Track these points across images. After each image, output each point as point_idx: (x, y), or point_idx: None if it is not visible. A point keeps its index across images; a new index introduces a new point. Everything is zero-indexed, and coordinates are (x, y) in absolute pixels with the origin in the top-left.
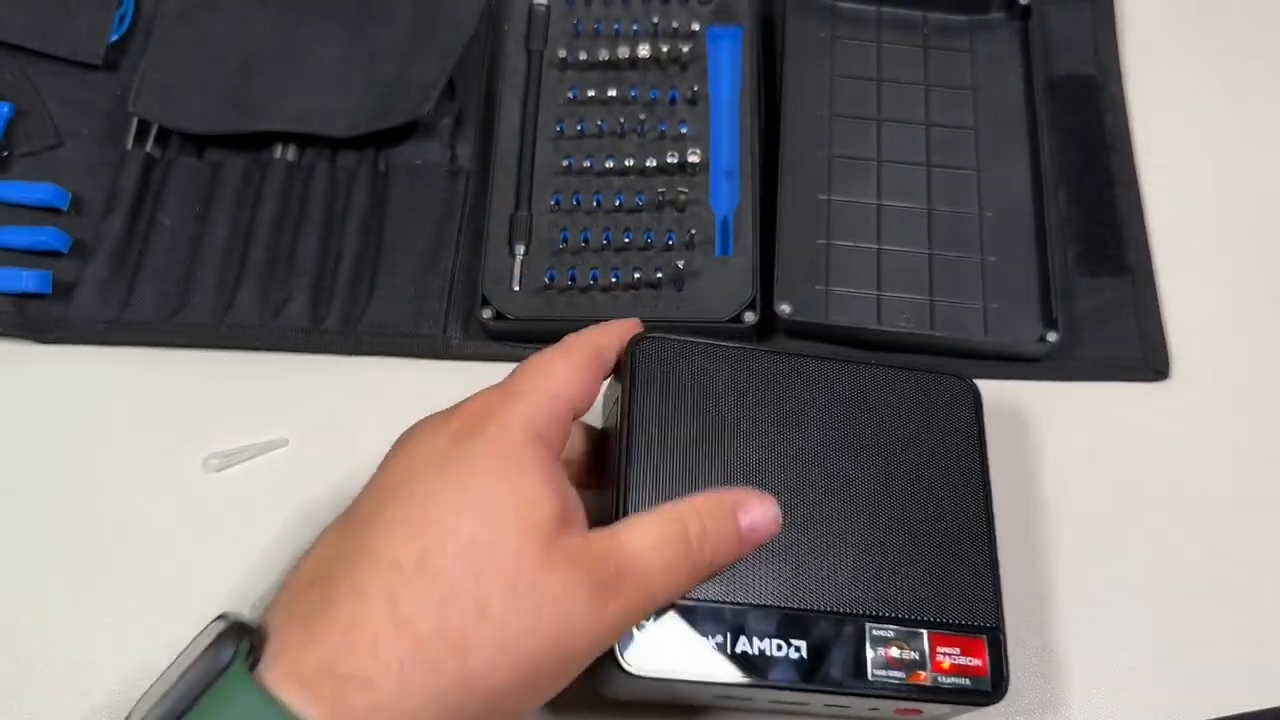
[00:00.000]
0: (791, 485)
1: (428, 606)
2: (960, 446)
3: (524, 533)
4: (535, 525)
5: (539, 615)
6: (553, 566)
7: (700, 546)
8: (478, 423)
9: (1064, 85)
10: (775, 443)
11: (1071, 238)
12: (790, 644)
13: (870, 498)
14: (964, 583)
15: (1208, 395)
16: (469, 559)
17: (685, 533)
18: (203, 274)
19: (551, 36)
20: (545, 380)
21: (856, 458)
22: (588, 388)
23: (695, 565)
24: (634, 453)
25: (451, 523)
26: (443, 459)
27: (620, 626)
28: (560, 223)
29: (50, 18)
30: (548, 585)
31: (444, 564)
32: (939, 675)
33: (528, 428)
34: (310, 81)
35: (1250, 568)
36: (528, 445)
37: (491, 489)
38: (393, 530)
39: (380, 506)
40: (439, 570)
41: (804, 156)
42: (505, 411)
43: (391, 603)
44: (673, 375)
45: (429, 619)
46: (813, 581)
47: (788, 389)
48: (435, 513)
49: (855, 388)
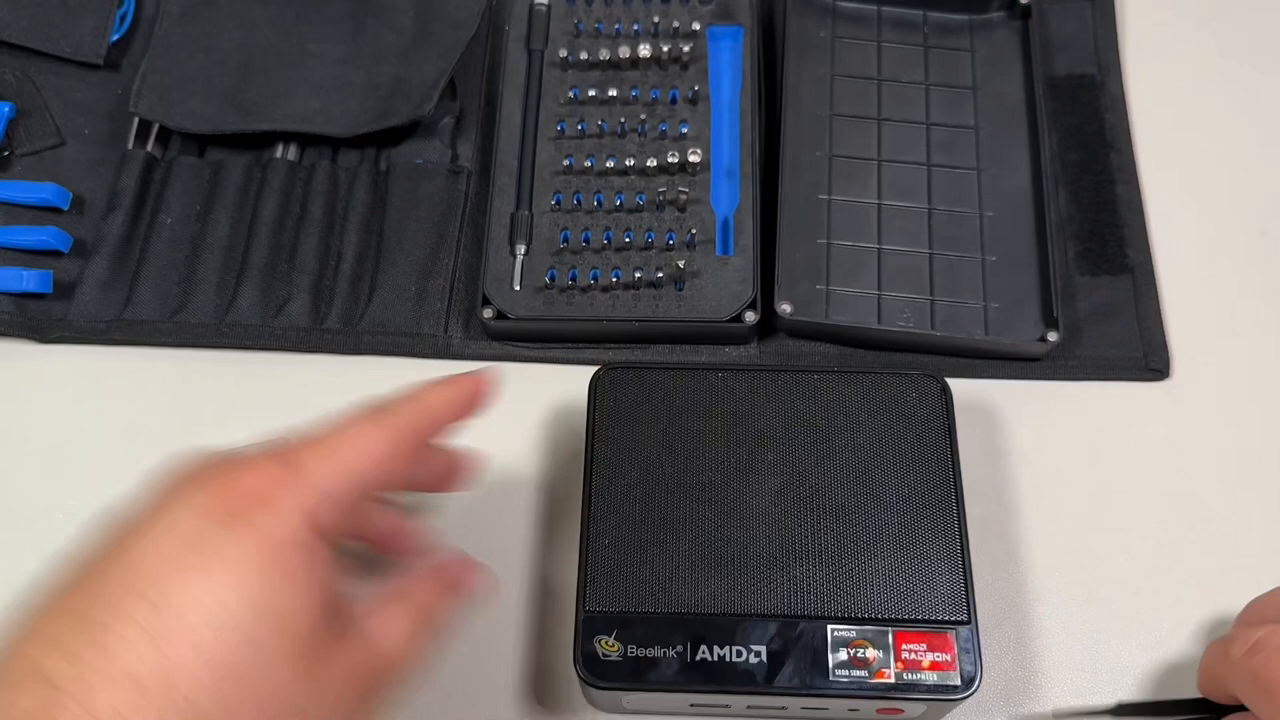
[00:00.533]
0: (758, 497)
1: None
2: (930, 443)
3: (277, 650)
4: (293, 639)
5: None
6: (307, 679)
7: (437, 625)
8: (247, 507)
9: (1064, 85)
10: (741, 459)
11: (1071, 237)
12: (750, 650)
13: (837, 502)
14: (933, 579)
15: (1208, 395)
16: (219, 687)
17: (429, 619)
18: (204, 273)
19: (552, 36)
20: (344, 457)
21: (823, 464)
22: (398, 467)
23: (434, 635)
24: (598, 483)
25: (204, 640)
26: (200, 553)
27: (376, 712)
28: (561, 222)
29: (52, 18)
30: (303, 700)
31: (191, 690)
32: (904, 672)
33: (305, 523)
34: (311, 81)
35: (1249, 568)
36: (300, 548)
37: (250, 599)
38: (135, 634)
39: (121, 599)
40: (185, 697)
41: (804, 156)
42: (281, 498)
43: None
44: (635, 403)
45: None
46: (774, 587)
47: (753, 404)
48: (181, 621)
49: (820, 396)
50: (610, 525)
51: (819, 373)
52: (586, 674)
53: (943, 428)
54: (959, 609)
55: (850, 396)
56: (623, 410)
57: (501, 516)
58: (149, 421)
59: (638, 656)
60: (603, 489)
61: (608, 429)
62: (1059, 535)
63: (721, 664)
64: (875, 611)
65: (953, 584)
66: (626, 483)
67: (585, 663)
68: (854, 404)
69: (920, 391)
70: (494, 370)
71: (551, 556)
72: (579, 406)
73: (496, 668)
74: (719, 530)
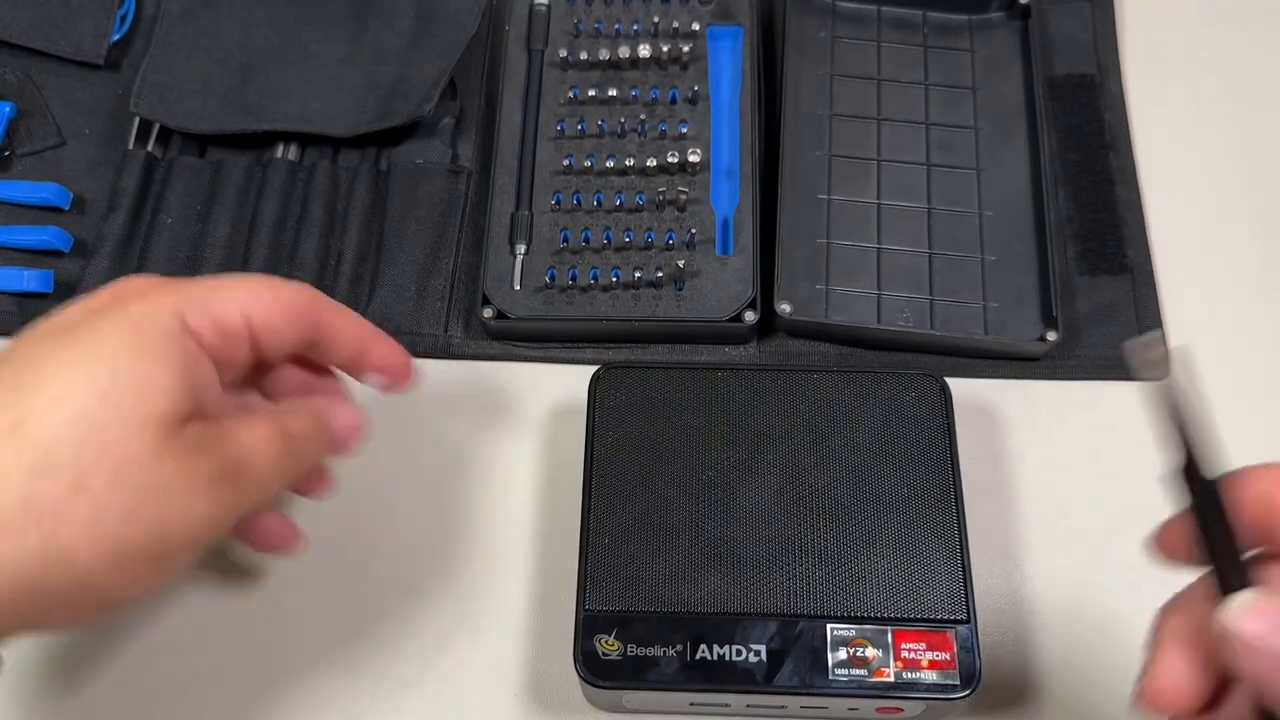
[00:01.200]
0: (757, 496)
1: (14, 473)
2: (929, 443)
3: (140, 420)
4: (154, 415)
5: (140, 500)
6: (165, 455)
7: (301, 444)
8: (124, 300)
9: (1064, 85)
10: (741, 459)
11: (1071, 237)
12: (749, 649)
13: (836, 501)
14: (933, 578)
15: (1207, 395)
16: (71, 433)
17: (292, 440)
18: (205, 273)
19: (552, 36)
20: (231, 290)
21: (822, 464)
22: (282, 325)
23: (297, 458)
24: (598, 483)
25: (59, 391)
26: (72, 329)
27: (229, 516)
28: (561, 222)
29: (52, 18)
30: (159, 473)
31: (40, 434)
32: (903, 671)
33: (176, 315)
34: (312, 81)
35: None
36: (170, 334)
37: (114, 368)
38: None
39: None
40: (34, 439)
41: (804, 156)
42: (158, 295)
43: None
44: (635, 403)
45: (14, 486)
46: (774, 586)
47: (753, 404)
48: (44, 381)
49: (820, 396)
50: (610, 525)
51: (819, 372)
52: (586, 673)
53: (942, 427)
54: (958, 608)
55: (850, 396)
56: (623, 410)
57: (501, 516)
58: None
59: (637, 655)
60: (603, 489)
61: (608, 429)
62: (1059, 535)
63: (721, 663)
64: (875, 611)
65: (952, 583)
66: (626, 482)
67: (585, 662)
68: (853, 404)
69: (920, 391)
70: (420, 370)
71: (551, 556)
72: (579, 406)
73: (496, 667)
74: (719, 529)
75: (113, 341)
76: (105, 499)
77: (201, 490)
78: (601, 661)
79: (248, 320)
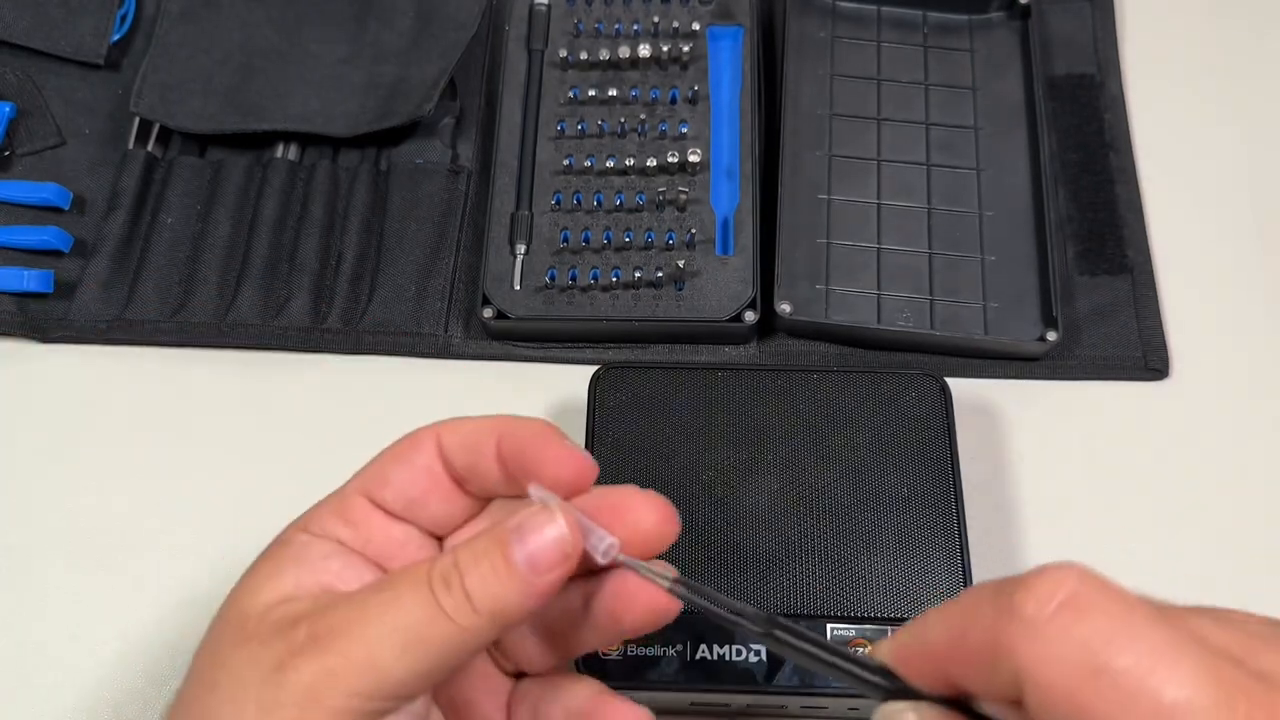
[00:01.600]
0: (757, 496)
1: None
2: (929, 443)
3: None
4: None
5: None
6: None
7: (447, 589)
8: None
9: (1064, 85)
10: (741, 459)
11: (1071, 237)
12: (749, 648)
13: (836, 502)
14: (933, 579)
15: (1208, 395)
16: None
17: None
18: (204, 273)
19: (552, 36)
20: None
21: (822, 464)
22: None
23: (451, 614)
24: (598, 482)
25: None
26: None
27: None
28: (561, 222)
29: (52, 17)
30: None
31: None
32: None
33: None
34: (312, 81)
35: (1249, 568)
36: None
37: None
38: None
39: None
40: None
41: (804, 156)
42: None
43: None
44: (635, 403)
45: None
46: (774, 586)
47: (753, 404)
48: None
49: (820, 396)
50: None
51: (819, 372)
52: (586, 673)
53: (942, 427)
54: None
55: (850, 396)
56: (623, 410)
57: None
58: (149, 421)
59: (637, 655)
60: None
61: (608, 429)
62: (1058, 535)
63: (721, 663)
64: (874, 611)
65: (952, 584)
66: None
67: (585, 661)
68: (853, 404)
69: (920, 391)
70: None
71: None
72: (579, 406)
73: None
74: (718, 529)
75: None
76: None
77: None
78: (601, 661)
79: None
